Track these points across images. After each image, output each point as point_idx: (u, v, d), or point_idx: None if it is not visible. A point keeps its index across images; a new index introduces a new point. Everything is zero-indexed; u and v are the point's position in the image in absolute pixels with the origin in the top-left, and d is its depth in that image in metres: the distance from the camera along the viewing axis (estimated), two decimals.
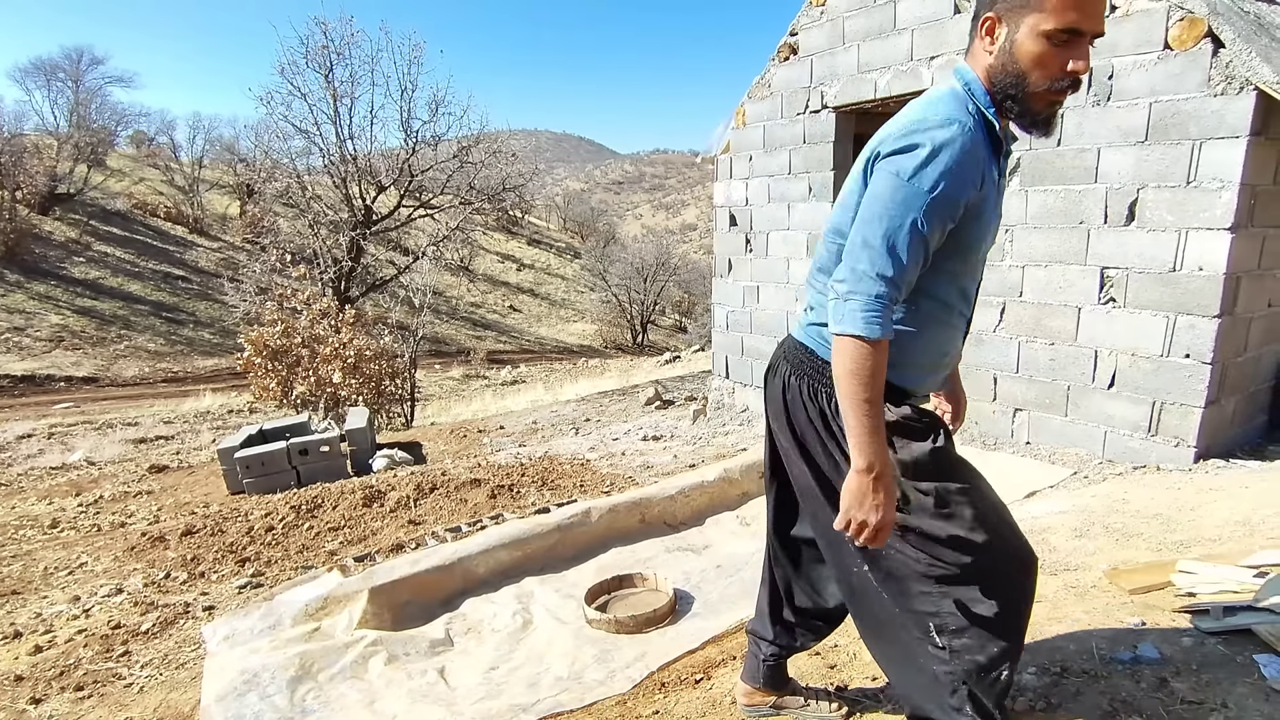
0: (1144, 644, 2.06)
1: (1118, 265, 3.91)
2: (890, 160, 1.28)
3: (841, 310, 1.28)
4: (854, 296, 1.26)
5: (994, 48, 1.31)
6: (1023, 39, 1.27)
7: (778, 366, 1.58)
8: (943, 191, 1.25)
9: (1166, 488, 3.45)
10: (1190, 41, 3.52)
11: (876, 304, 1.26)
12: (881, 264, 1.26)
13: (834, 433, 1.45)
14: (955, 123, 1.27)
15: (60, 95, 31.76)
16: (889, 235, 1.26)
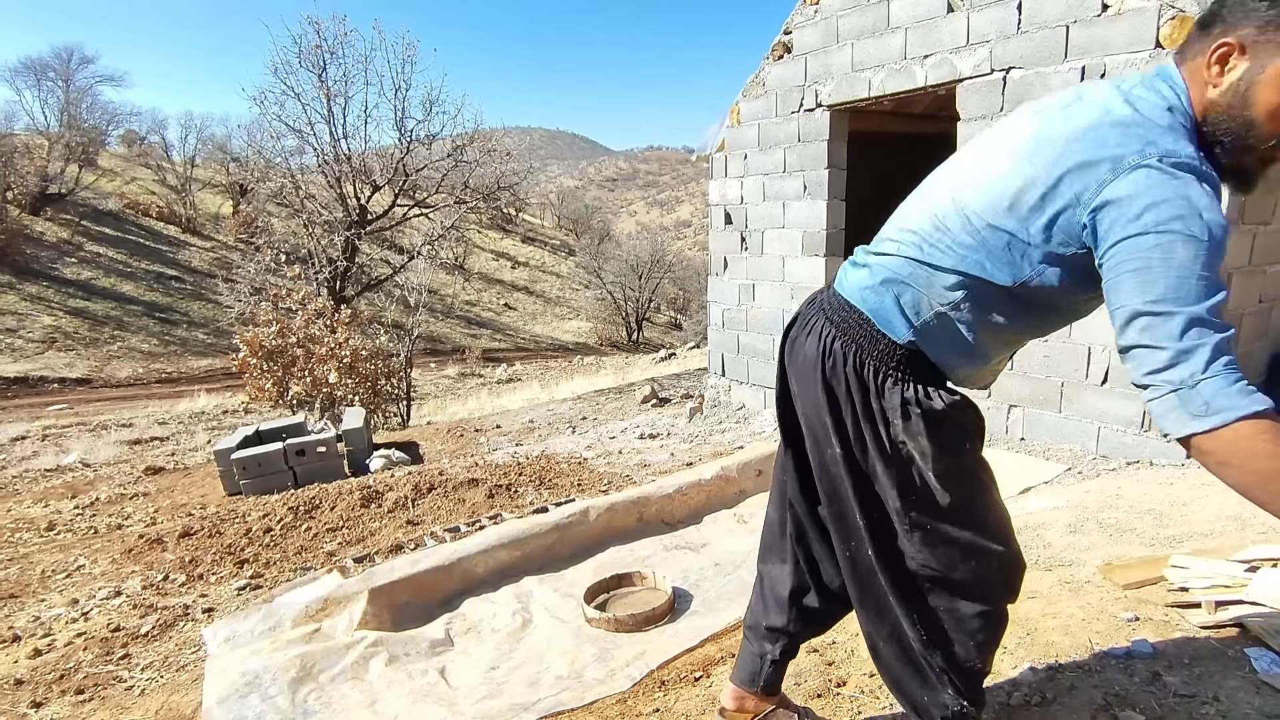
0: (1137, 638, 2.09)
1: None
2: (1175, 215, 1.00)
3: (1196, 402, 0.97)
4: (1206, 380, 0.96)
5: (1222, 82, 1.08)
6: (1266, 84, 1.05)
7: (815, 325, 1.39)
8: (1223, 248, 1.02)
9: (1159, 483, 3.49)
10: (1182, 40, 3.54)
11: (1236, 374, 0.97)
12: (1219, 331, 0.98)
13: (872, 413, 1.31)
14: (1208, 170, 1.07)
15: (50, 95, 31.60)
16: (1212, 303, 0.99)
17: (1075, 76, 3.94)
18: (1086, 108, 1.16)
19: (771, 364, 6.13)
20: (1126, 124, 1.09)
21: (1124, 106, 1.12)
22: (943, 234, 1.25)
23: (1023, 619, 2.35)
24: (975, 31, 4.35)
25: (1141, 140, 1.06)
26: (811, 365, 1.38)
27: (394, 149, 15.80)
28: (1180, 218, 1.00)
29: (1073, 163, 1.10)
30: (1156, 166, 1.03)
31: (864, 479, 1.36)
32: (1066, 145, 1.11)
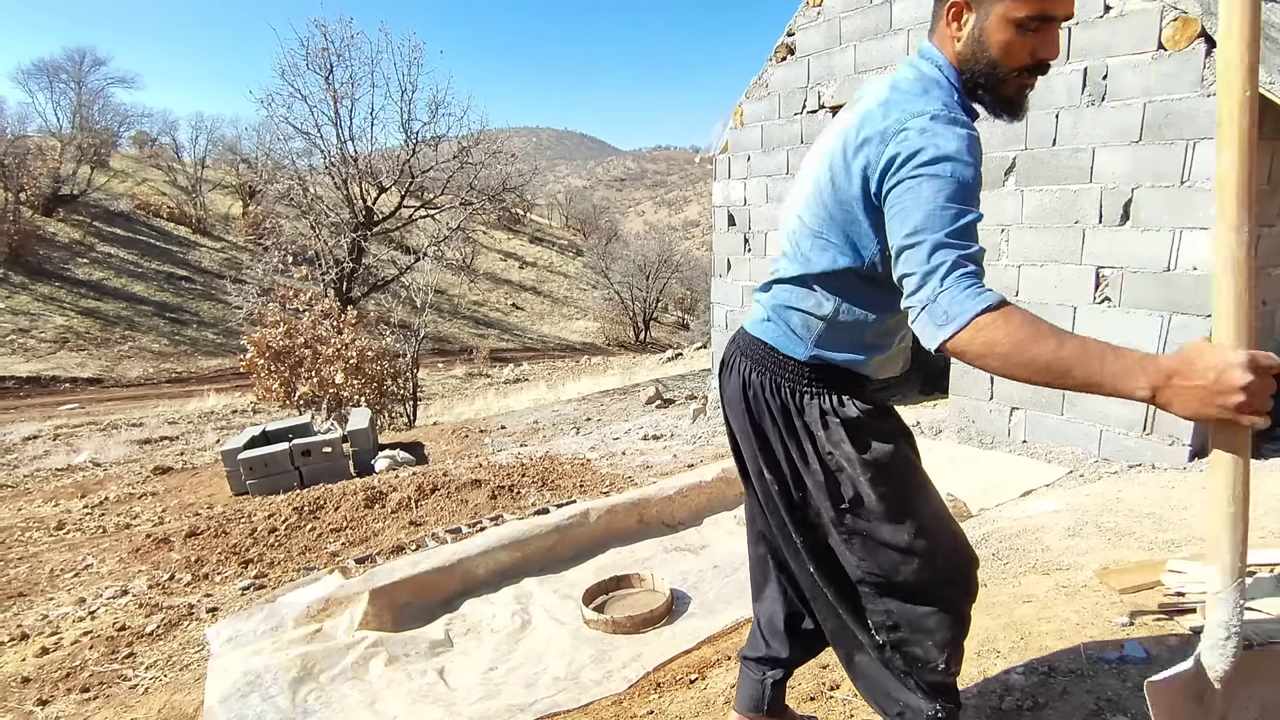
0: (1130, 643, 2.09)
1: (1112, 265, 3.93)
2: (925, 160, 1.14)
3: (938, 313, 1.07)
4: (942, 291, 1.07)
5: (962, 34, 1.27)
6: (993, 27, 1.23)
7: (735, 362, 1.51)
8: (980, 181, 1.19)
9: (1160, 486, 3.47)
10: (1184, 42, 3.53)
11: (970, 277, 1.07)
12: (957, 249, 1.09)
13: (796, 430, 1.42)
14: (960, 113, 1.23)
15: (63, 97, 31.92)
16: (961, 219, 1.11)
17: (1078, 79, 3.93)
18: (864, 99, 1.33)
19: None
20: (887, 102, 1.25)
21: (886, 90, 1.29)
22: (800, 250, 1.39)
23: (1018, 623, 2.35)
24: None
25: (899, 110, 1.22)
26: (738, 399, 1.48)
27: (400, 150, 15.88)
28: (925, 163, 1.14)
29: (860, 147, 1.25)
30: (909, 127, 1.18)
31: (798, 500, 1.44)
32: (855, 135, 1.26)
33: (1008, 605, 2.52)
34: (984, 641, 2.28)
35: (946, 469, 4.45)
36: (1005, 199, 4.33)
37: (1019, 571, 2.84)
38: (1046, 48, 1.24)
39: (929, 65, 1.31)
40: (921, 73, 1.30)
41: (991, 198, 4.39)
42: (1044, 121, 4.10)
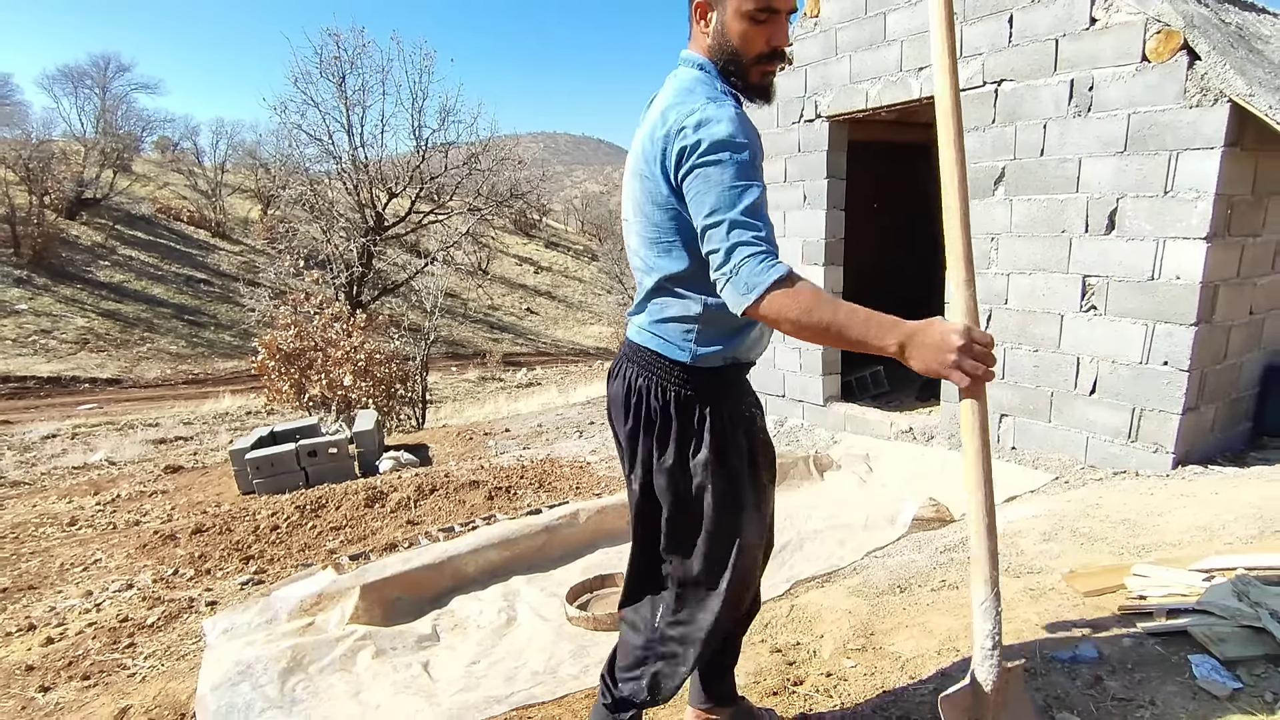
0: (1084, 644, 2.14)
1: (1098, 273, 3.97)
2: (705, 144, 1.31)
3: (740, 284, 1.26)
4: (741, 265, 1.26)
5: (709, 30, 1.46)
6: (730, 20, 1.43)
7: (619, 370, 1.62)
8: (757, 155, 1.36)
9: (1140, 493, 3.51)
10: (1167, 54, 3.57)
11: (763, 254, 1.26)
12: (754, 226, 1.27)
13: (672, 428, 1.53)
14: (726, 100, 1.41)
15: (88, 102, 32.54)
16: (749, 198, 1.29)
17: (1064, 91, 3.98)
18: (650, 116, 1.50)
19: (773, 370, 6.19)
20: (665, 110, 1.42)
21: (664, 101, 1.46)
22: (650, 264, 1.52)
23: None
24: (968, 44, 4.40)
25: (676, 112, 1.38)
26: (622, 402, 1.59)
27: (410, 156, 16.09)
28: (706, 152, 1.31)
29: (657, 155, 1.41)
30: (685, 125, 1.35)
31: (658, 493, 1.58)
32: (650, 146, 1.43)
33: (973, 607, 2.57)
34: (945, 641, 2.35)
35: (937, 474, 4.50)
36: (994, 208, 4.38)
37: None
38: (778, 36, 1.45)
39: (688, 68, 1.50)
40: (684, 77, 1.48)
41: (981, 207, 4.44)
42: (1032, 131, 4.15)
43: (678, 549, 1.59)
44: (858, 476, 4.59)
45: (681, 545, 1.58)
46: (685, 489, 1.54)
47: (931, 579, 2.94)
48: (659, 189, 1.42)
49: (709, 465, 1.52)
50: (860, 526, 3.74)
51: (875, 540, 3.55)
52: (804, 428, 5.86)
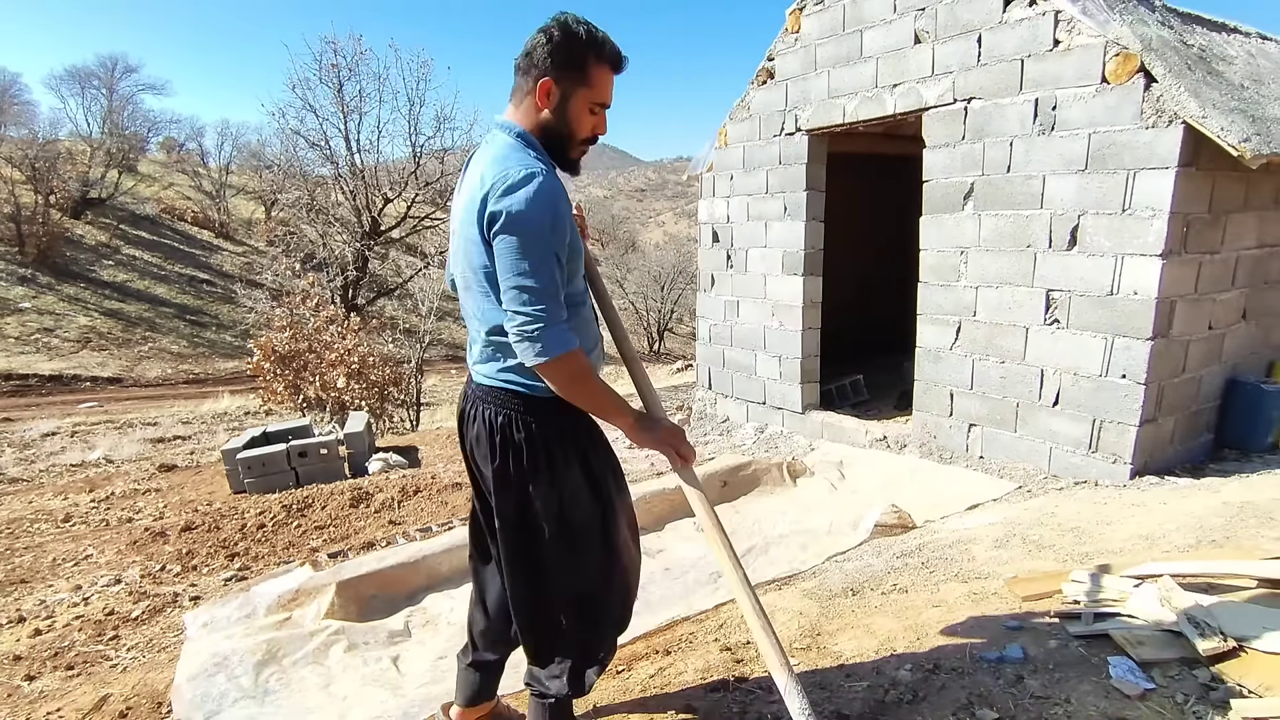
0: (1012, 645, 2.25)
1: (1061, 288, 4.08)
2: (511, 216, 1.51)
3: (536, 345, 1.54)
4: (539, 329, 1.53)
5: (550, 105, 1.65)
6: (575, 106, 1.65)
7: (475, 411, 1.78)
8: (557, 222, 1.55)
9: (1094, 503, 3.61)
10: (1125, 76, 3.69)
11: (557, 326, 1.55)
12: (547, 297, 1.53)
13: (539, 455, 1.71)
14: (543, 168, 1.58)
15: (94, 103, 32.86)
16: (542, 272, 1.53)
17: (1029, 109, 4.09)
18: (469, 179, 1.69)
19: (754, 378, 6.31)
20: (483, 175, 1.59)
21: (482, 166, 1.62)
22: (489, 317, 1.68)
23: (920, 625, 2.52)
24: (939, 63, 4.51)
25: (490, 179, 1.55)
26: (486, 440, 1.75)
27: (405, 162, 16.27)
28: (505, 225, 1.52)
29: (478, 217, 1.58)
30: (497, 188, 1.53)
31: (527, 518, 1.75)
32: (473, 208, 1.59)
33: (918, 609, 2.68)
34: (884, 641, 2.45)
35: (906, 482, 4.60)
36: (964, 222, 4.49)
37: (941, 579, 3.00)
38: (601, 126, 1.72)
39: (506, 135, 1.68)
40: (500, 143, 1.66)
41: (951, 221, 4.55)
42: (999, 148, 4.26)
43: (568, 563, 1.77)
44: (829, 483, 4.69)
45: (570, 559, 1.77)
46: (561, 506, 1.73)
47: (884, 583, 3.05)
48: (481, 247, 1.60)
49: (578, 479, 1.74)
50: (824, 532, 3.85)
51: (837, 545, 3.66)
52: (783, 434, 5.97)
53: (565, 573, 1.78)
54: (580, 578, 1.79)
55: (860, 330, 7.97)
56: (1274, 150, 3.45)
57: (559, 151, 1.69)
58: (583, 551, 1.78)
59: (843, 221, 6.64)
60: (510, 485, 1.73)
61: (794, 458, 5.21)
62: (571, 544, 1.76)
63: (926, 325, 4.82)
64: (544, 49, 1.62)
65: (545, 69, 1.63)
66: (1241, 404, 4.29)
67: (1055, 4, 3.92)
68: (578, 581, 1.79)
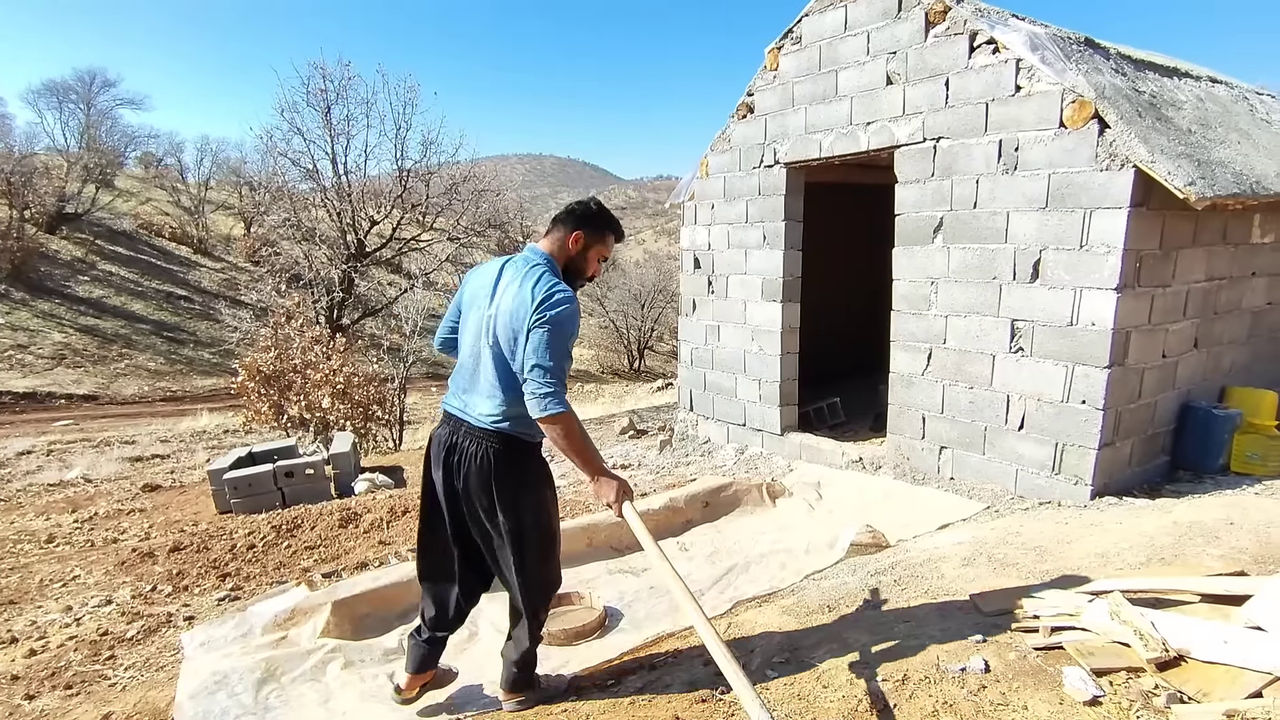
0: (975, 657, 2.42)
1: (1025, 318, 4.31)
2: (550, 319, 2.24)
3: (546, 403, 2.22)
4: (551, 395, 2.22)
5: (575, 250, 2.47)
6: (589, 254, 2.51)
7: (474, 447, 2.42)
8: (575, 331, 2.31)
9: (1057, 522, 3.81)
10: (1081, 121, 3.94)
11: (563, 394, 2.27)
12: (559, 377, 2.25)
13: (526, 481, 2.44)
14: (571, 295, 2.32)
15: (72, 117, 32.60)
16: (559, 361, 2.25)
17: (994, 149, 4.34)
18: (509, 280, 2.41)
19: (734, 400, 6.49)
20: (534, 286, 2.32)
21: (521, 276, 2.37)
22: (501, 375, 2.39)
23: (890, 639, 2.68)
24: (910, 103, 4.76)
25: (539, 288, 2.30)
26: (484, 468, 2.41)
27: (391, 185, 16.43)
28: (544, 324, 2.24)
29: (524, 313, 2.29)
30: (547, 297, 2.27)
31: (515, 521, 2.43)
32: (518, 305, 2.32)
33: (890, 624, 2.85)
34: (858, 655, 2.61)
35: (881, 502, 4.79)
36: (934, 254, 4.72)
37: (912, 596, 3.17)
38: (598, 271, 2.57)
39: (541, 258, 2.44)
40: (538, 264, 2.41)
41: (921, 253, 4.78)
42: (966, 185, 4.51)
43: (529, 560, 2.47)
44: (808, 503, 4.87)
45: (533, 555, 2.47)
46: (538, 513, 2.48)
47: (858, 600, 3.21)
48: (523, 338, 2.28)
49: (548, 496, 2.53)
50: (802, 551, 4.02)
51: (815, 563, 3.83)
52: (763, 455, 6.15)
53: (538, 554, 2.50)
54: (541, 561, 2.53)
55: (838, 353, 8.20)
56: (1217, 193, 3.72)
57: (570, 279, 2.45)
58: (547, 544, 2.54)
59: (821, 248, 6.87)
60: (508, 498, 2.41)
61: (773, 479, 5.38)
62: (543, 537, 2.51)
63: (899, 351, 5.04)
64: (582, 212, 2.49)
65: (579, 225, 2.46)
66: (1194, 428, 4.53)
67: (1016, 52, 4.18)
68: (539, 564, 2.52)
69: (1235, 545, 3.16)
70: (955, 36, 4.49)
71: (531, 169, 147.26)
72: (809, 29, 5.41)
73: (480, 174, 17.44)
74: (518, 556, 2.44)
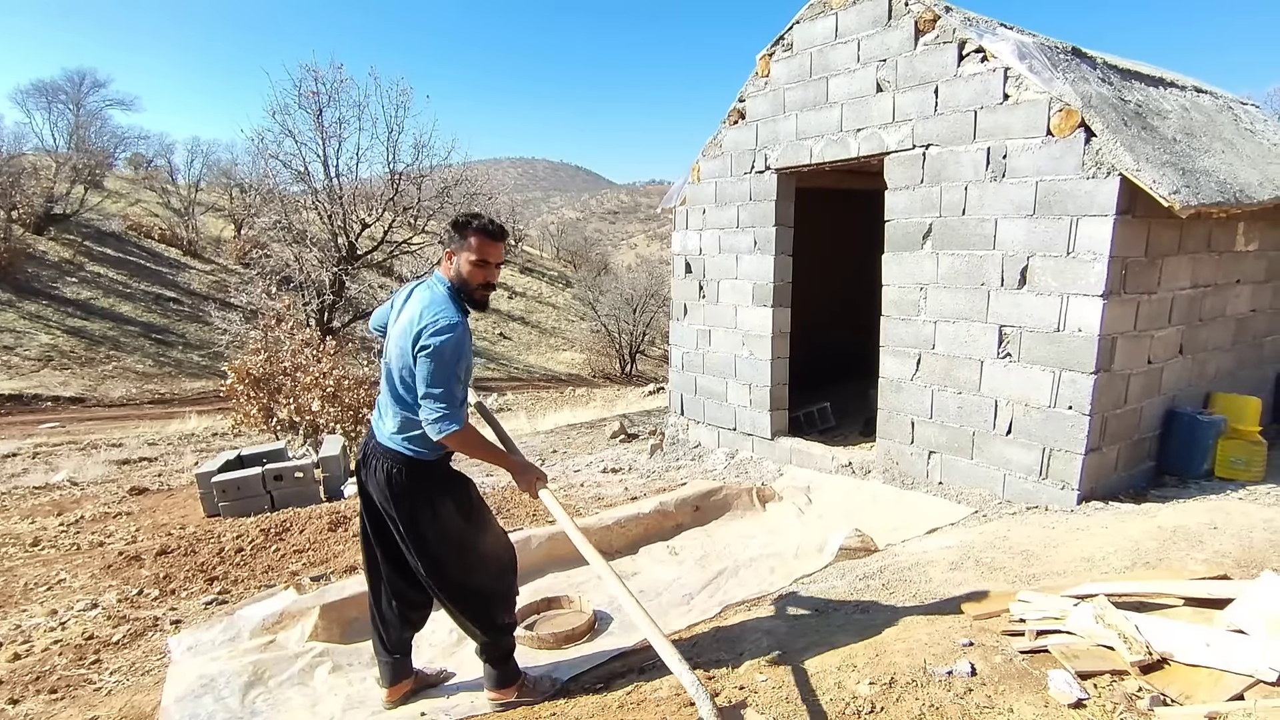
0: (961, 660, 2.43)
1: (1013, 324, 4.35)
2: (432, 349, 2.33)
3: (443, 426, 2.34)
4: (443, 417, 2.34)
5: (452, 268, 2.53)
6: (461, 263, 2.51)
7: (376, 463, 2.55)
8: (464, 358, 2.41)
9: (1043, 527, 3.84)
10: (1068, 130, 3.99)
11: (458, 414, 2.37)
12: (450, 400, 2.35)
13: (411, 498, 2.51)
14: (459, 319, 2.41)
15: (61, 118, 32.36)
16: (448, 385, 2.35)
17: (982, 157, 4.38)
18: (408, 311, 2.49)
19: (725, 405, 6.50)
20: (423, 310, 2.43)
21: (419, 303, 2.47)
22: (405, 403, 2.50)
23: (878, 642, 2.70)
24: (900, 110, 4.80)
25: (426, 315, 2.40)
26: (383, 484, 2.53)
27: (383, 188, 16.42)
28: (428, 350, 2.34)
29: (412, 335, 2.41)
30: (427, 326, 2.37)
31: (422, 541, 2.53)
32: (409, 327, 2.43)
33: (878, 628, 2.87)
34: (845, 658, 2.62)
35: (870, 506, 4.82)
36: (923, 260, 4.76)
37: (900, 600, 3.19)
38: (490, 274, 2.55)
39: (440, 285, 2.53)
40: (437, 291, 2.50)
41: (911, 259, 4.82)
42: (955, 192, 4.54)
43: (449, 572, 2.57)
44: (797, 508, 4.88)
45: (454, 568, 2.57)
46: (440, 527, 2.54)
47: (847, 603, 3.23)
48: (410, 358, 2.41)
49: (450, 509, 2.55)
50: (792, 555, 4.03)
51: (804, 568, 3.84)
52: (753, 460, 6.17)
53: (453, 567, 2.57)
54: (461, 570, 2.59)
55: (829, 358, 8.23)
56: (1201, 201, 3.76)
57: (465, 296, 2.53)
58: (461, 555, 2.59)
59: (812, 252, 6.90)
60: (406, 514, 2.52)
61: (763, 483, 5.40)
62: (453, 550, 2.57)
63: (889, 357, 5.06)
64: (447, 229, 2.60)
65: (447, 243, 2.58)
66: (1179, 434, 4.58)
67: (1005, 61, 4.23)
68: (462, 575, 2.59)
69: (1218, 549, 3.19)
70: (944, 45, 4.53)
71: (524, 173, 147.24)
72: (800, 36, 5.45)
73: (472, 177, 17.45)
74: (432, 572, 2.56)
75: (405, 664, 2.84)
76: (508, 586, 2.74)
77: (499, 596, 2.70)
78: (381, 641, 2.78)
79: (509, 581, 2.75)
